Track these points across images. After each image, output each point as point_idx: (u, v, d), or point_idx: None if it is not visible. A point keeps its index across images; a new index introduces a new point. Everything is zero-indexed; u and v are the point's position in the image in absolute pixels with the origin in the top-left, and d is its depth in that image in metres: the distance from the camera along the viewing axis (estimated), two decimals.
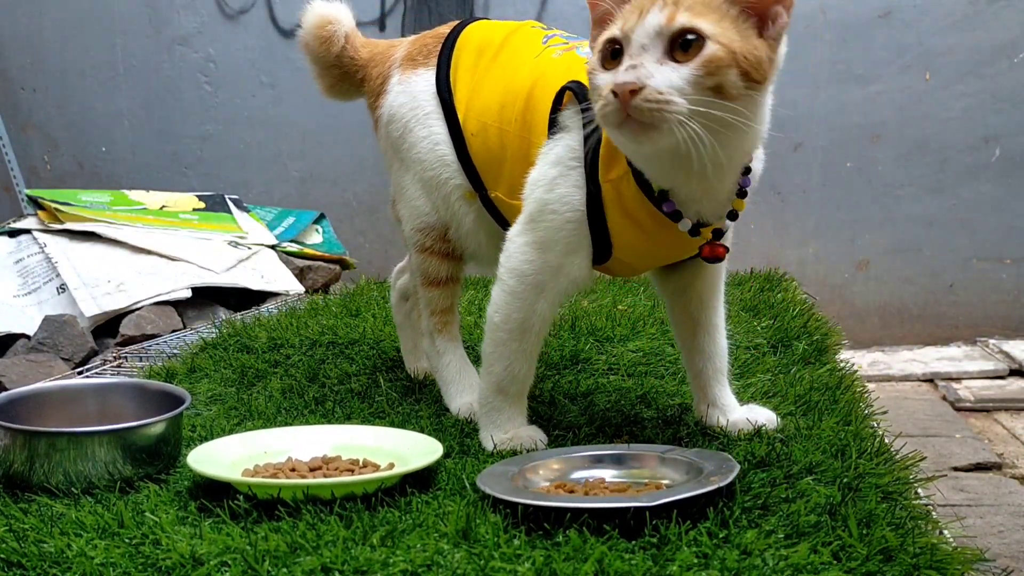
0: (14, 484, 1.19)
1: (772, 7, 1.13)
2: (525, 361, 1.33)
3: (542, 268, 1.29)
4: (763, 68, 1.11)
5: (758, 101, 1.13)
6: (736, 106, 1.09)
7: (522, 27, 1.49)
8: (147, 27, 3.93)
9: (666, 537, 0.96)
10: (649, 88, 1.06)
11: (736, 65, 1.08)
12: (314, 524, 1.03)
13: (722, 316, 1.39)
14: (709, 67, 1.07)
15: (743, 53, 1.09)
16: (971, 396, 3.14)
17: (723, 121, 1.09)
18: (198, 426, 1.42)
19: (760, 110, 1.15)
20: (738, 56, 1.08)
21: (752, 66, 1.10)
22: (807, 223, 3.71)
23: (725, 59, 1.08)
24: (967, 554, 0.95)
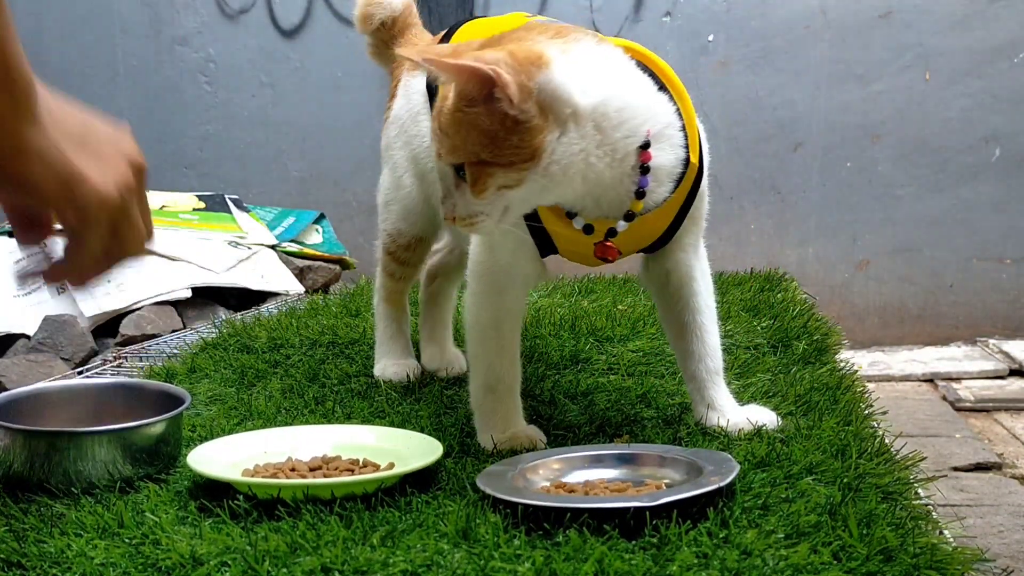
0: (14, 484, 1.19)
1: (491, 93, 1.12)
2: (505, 358, 1.35)
3: (495, 268, 1.34)
4: (523, 149, 1.13)
5: (554, 157, 1.14)
6: (529, 184, 1.14)
7: (514, 20, 1.49)
8: (147, 27, 3.93)
9: (666, 537, 0.96)
10: (459, 218, 1.18)
11: (497, 167, 1.13)
12: (314, 524, 1.03)
13: (711, 317, 1.39)
14: (477, 188, 1.15)
15: (493, 156, 1.13)
16: (971, 396, 3.14)
17: (534, 193, 1.16)
18: (198, 426, 1.42)
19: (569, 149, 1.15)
20: (491, 161, 1.13)
21: (511, 155, 1.13)
22: (807, 223, 3.71)
23: (482, 173, 1.14)
24: (967, 554, 0.95)
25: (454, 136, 1.15)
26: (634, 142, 1.19)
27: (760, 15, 3.63)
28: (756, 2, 3.63)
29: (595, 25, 3.65)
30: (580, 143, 1.16)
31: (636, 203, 1.23)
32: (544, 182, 1.15)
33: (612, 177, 1.20)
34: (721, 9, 3.65)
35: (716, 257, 1.49)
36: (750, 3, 3.63)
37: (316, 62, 3.84)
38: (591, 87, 1.16)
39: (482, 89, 1.11)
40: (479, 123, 1.13)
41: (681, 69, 3.69)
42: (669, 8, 3.66)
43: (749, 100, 3.67)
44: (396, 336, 1.76)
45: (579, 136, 1.16)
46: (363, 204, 3.85)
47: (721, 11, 3.65)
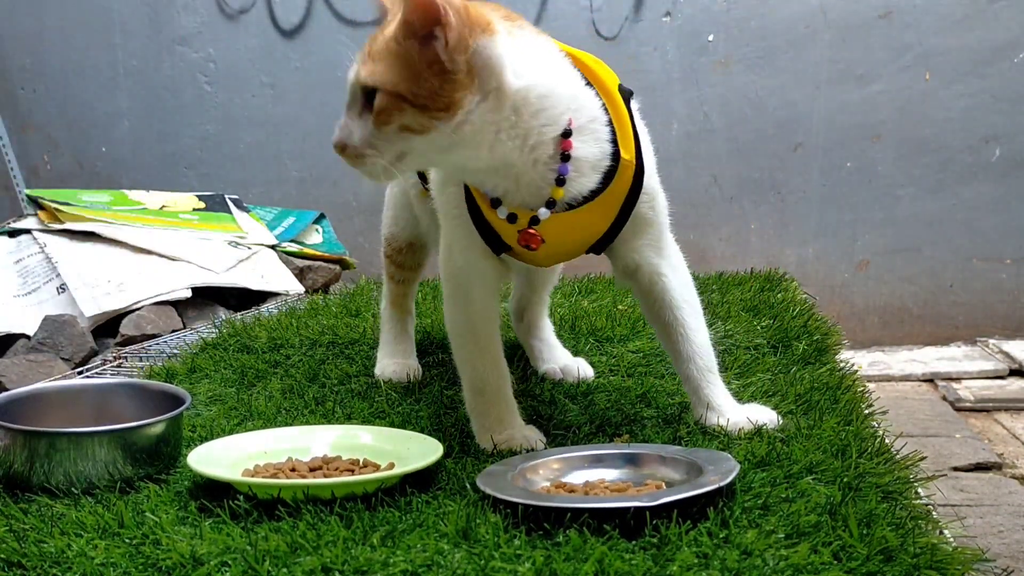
0: (14, 484, 1.19)
1: (432, 32, 1.14)
2: (486, 360, 1.36)
3: (455, 270, 1.36)
4: (441, 97, 1.14)
5: (468, 118, 1.15)
6: (435, 135, 1.15)
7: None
8: (147, 27, 3.93)
9: (666, 537, 0.96)
10: (350, 146, 1.18)
11: (409, 105, 1.14)
12: (314, 524, 1.03)
13: (692, 313, 1.39)
14: (382, 118, 1.15)
15: (412, 92, 1.14)
16: (971, 396, 3.13)
17: (436, 148, 1.17)
18: (198, 426, 1.42)
19: (483, 118, 1.17)
20: (407, 97, 1.14)
21: (428, 99, 1.14)
22: (807, 223, 3.71)
23: (393, 105, 1.14)
24: (967, 554, 0.95)
25: (380, 60, 1.15)
26: (551, 131, 1.21)
27: (760, 15, 3.63)
28: (756, 2, 3.62)
29: (595, 25, 3.66)
30: (495, 117, 1.18)
31: (557, 190, 1.23)
32: (449, 140, 1.16)
33: (524, 161, 1.21)
34: (721, 9, 3.65)
35: (716, 257, 1.49)
36: (750, 3, 3.63)
37: (316, 62, 3.84)
38: (522, 71, 1.18)
39: (426, 24, 1.13)
40: (410, 56, 1.14)
41: (681, 69, 3.72)
42: (669, 8, 3.66)
43: (749, 100, 3.67)
44: (399, 338, 1.77)
45: (496, 111, 1.17)
46: (363, 204, 3.85)
47: (721, 11, 3.65)
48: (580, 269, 2.94)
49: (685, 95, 3.69)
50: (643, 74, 3.69)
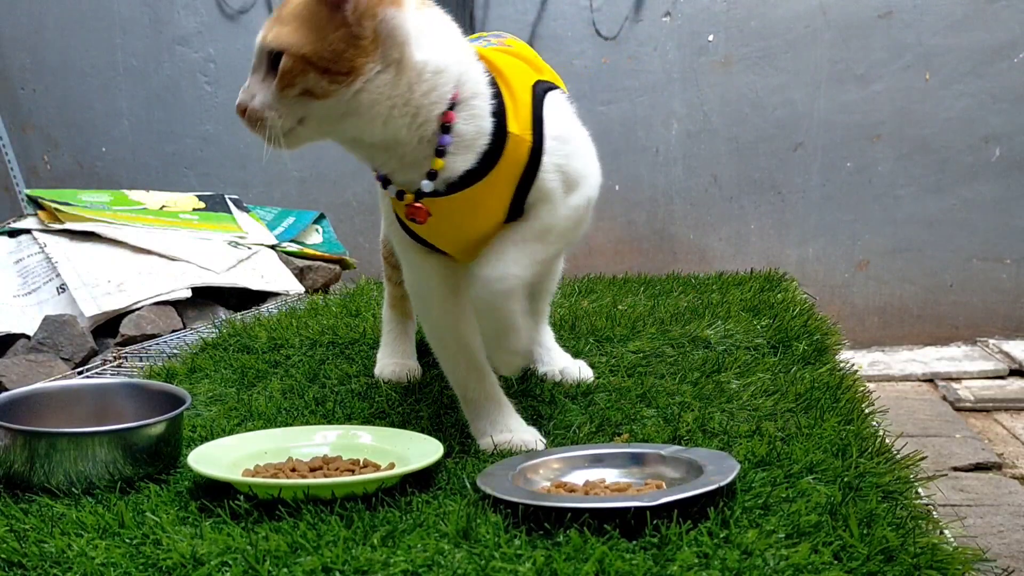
0: (14, 484, 1.19)
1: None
2: (464, 363, 1.38)
3: (412, 283, 1.42)
4: (344, 60, 1.16)
5: (367, 86, 1.17)
6: (334, 101, 1.17)
7: None
8: (147, 27, 3.93)
9: (667, 537, 0.96)
10: (250, 108, 1.19)
11: (312, 68, 1.16)
12: (315, 524, 1.03)
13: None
14: (285, 80, 1.16)
15: (316, 54, 1.15)
16: (971, 396, 3.13)
17: (333, 115, 1.18)
18: (198, 426, 1.42)
19: (380, 89, 1.19)
20: (311, 59, 1.15)
21: (331, 62, 1.16)
22: (807, 223, 3.71)
23: (296, 68, 1.15)
24: (968, 554, 0.95)
25: (289, 22, 1.17)
26: (439, 108, 1.23)
27: (760, 15, 3.63)
28: (756, 2, 3.62)
29: (595, 25, 3.66)
30: (391, 91, 1.20)
31: (437, 161, 1.24)
32: (347, 107, 1.18)
33: (411, 138, 1.23)
34: (721, 9, 3.65)
35: (716, 257, 1.50)
36: (750, 3, 3.63)
37: None
38: (424, 45, 1.21)
39: None
40: (319, 18, 1.16)
41: (681, 69, 3.72)
42: (669, 8, 3.66)
43: (749, 100, 3.67)
44: (399, 339, 1.77)
45: (393, 84, 1.20)
46: (363, 204, 3.85)
47: (721, 11, 3.65)
48: (580, 269, 2.94)
49: (685, 95, 3.69)
50: (643, 74, 3.69)
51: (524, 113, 1.28)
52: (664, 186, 3.72)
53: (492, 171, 1.25)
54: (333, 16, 1.16)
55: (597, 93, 3.72)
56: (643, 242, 3.78)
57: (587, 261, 3.69)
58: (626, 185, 3.76)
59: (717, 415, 1.40)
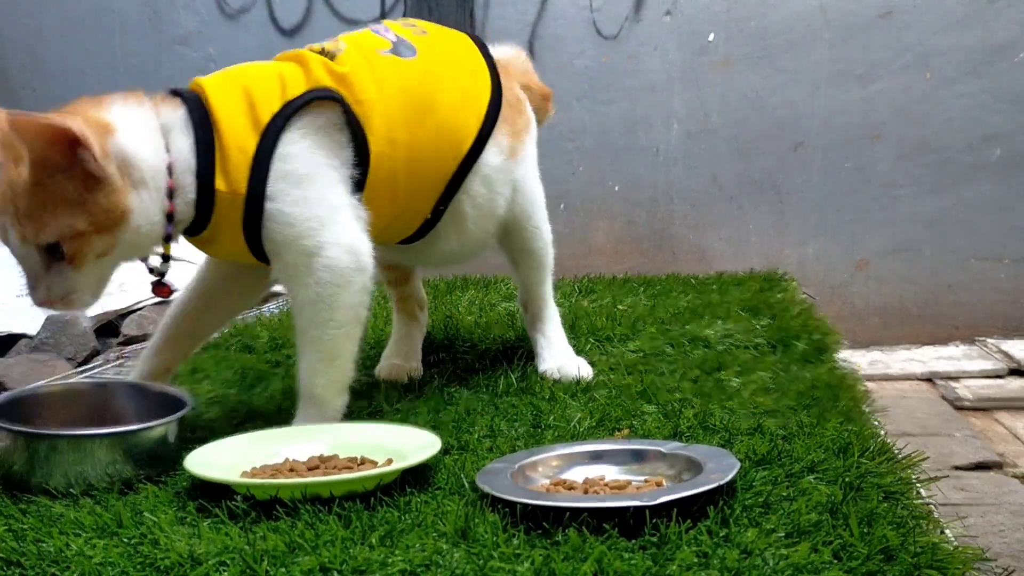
0: (13, 485, 1.19)
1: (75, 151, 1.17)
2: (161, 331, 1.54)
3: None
4: (115, 210, 1.21)
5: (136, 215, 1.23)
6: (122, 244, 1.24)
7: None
8: (147, 27, 3.93)
9: (666, 536, 0.95)
10: (59, 302, 1.24)
11: (94, 233, 1.20)
12: (313, 524, 1.03)
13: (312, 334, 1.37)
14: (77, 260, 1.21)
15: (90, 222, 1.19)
16: (970, 395, 3.13)
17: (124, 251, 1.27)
18: (199, 428, 1.42)
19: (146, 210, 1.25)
20: (89, 229, 1.19)
21: (105, 218, 1.20)
22: (807, 223, 3.71)
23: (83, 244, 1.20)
24: (968, 553, 0.95)
25: (40, 213, 1.18)
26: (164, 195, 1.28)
27: (760, 15, 3.63)
28: (756, 2, 3.62)
29: (595, 25, 3.66)
30: (153, 202, 1.25)
31: (167, 246, 1.33)
32: (133, 240, 1.24)
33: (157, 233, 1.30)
34: (721, 9, 3.65)
35: (716, 257, 1.50)
36: (750, 3, 3.63)
37: None
38: (144, 152, 1.24)
39: (64, 152, 1.16)
40: (66, 192, 1.18)
41: (681, 69, 3.71)
42: (669, 8, 3.66)
43: (749, 100, 3.67)
44: (402, 340, 1.77)
45: (150, 196, 1.25)
46: None
47: (721, 11, 3.65)
48: (580, 269, 2.94)
49: (685, 95, 3.68)
50: (643, 74, 3.69)
51: (239, 159, 1.28)
52: (664, 186, 3.72)
53: (208, 227, 1.31)
54: (75, 176, 1.17)
55: (597, 93, 3.72)
56: (643, 242, 3.78)
57: (587, 261, 3.69)
58: (626, 185, 3.76)
59: (718, 411, 1.40)
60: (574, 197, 3.79)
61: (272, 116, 1.30)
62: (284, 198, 1.29)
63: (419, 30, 1.51)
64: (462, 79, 1.49)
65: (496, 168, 1.52)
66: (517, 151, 1.58)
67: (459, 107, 1.47)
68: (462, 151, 1.47)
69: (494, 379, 1.60)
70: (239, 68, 1.39)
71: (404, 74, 1.41)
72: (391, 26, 1.50)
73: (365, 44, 1.43)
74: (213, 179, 1.28)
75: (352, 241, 1.33)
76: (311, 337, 1.34)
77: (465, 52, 1.54)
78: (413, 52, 1.45)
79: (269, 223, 1.30)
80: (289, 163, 1.30)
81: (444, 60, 1.49)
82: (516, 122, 1.58)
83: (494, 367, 1.65)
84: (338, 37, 1.44)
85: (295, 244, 1.31)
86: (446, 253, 1.57)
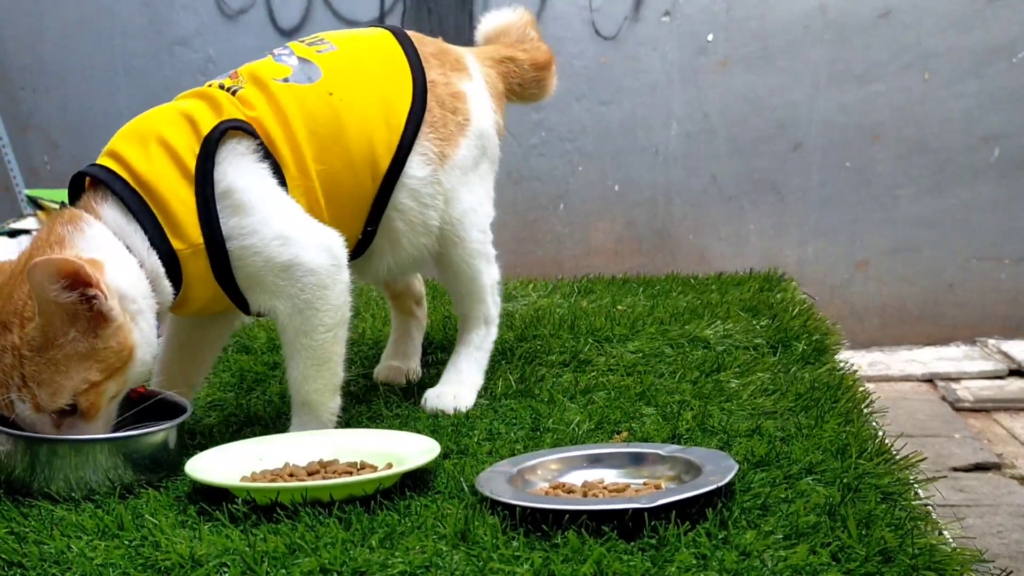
0: (15, 490, 1.19)
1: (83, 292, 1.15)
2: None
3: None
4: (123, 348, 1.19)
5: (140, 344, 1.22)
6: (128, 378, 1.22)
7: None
8: (147, 28, 3.93)
9: (665, 538, 0.96)
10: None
11: (108, 380, 1.19)
12: (313, 526, 1.03)
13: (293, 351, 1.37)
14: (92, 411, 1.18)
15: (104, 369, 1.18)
16: (970, 396, 3.14)
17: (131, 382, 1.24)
18: (198, 433, 1.42)
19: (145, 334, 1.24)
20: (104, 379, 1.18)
21: (115, 360, 1.19)
22: (807, 223, 3.71)
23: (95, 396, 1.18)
24: (966, 555, 0.95)
25: (53, 376, 1.15)
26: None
27: (760, 15, 3.63)
28: (756, 2, 3.63)
29: (595, 25, 3.66)
30: (150, 325, 1.24)
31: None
32: (141, 371, 1.23)
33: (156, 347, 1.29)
34: (721, 9, 3.65)
35: (715, 257, 1.50)
36: (750, 3, 3.63)
37: None
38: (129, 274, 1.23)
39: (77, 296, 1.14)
40: (78, 345, 1.16)
41: (681, 69, 3.72)
42: (669, 8, 3.66)
43: (749, 100, 3.67)
44: (400, 339, 1.76)
45: (146, 320, 1.24)
46: None
47: (721, 11, 3.65)
48: (579, 269, 2.94)
49: (685, 95, 3.69)
50: (643, 74, 3.69)
51: (184, 213, 1.27)
52: (664, 186, 3.72)
53: (181, 291, 1.30)
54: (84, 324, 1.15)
55: (597, 93, 3.72)
56: (643, 242, 3.78)
57: (586, 261, 3.69)
58: (626, 185, 3.76)
59: (716, 413, 1.40)
60: (574, 197, 3.79)
61: (197, 160, 1.28)
62: (241, 232, 1.29)
63: (328, 46, 1.45)
64: (373, 93, 1.42)
65: (423, 180, 1.45)
66: (448, 156, 1.47)
67: (370, 125, 1.41)
68: (380, 171, 1.41)
69: (493, 382, 1.60)
70: (144, 119, 1.37)
71: (305, 102, 1.37)
72: (295, 48, 1.45)
73: (263, 75, 1.38)
74: (169, 244, 1.27)
75: (322, 239, 1.33)
76: (301, 345, 1.34)
77: (381, 59, 1.47)
78: (317, 74, 1.40)
79: (238, 261, 1.30)
80: (231, 198, 1.29)
81: (351, 77, 1.42)
82: (447, 124, 1.48)
83: (493, 369, 1.65)
84: (237, 70, 1.41)
85: (269, 266, 1.30)
86: (383, 271, 1.52)
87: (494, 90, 1.60)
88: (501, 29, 1.70)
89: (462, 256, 1.52)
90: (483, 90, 1.57)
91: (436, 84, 1.48)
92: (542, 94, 1.72)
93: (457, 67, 1.54)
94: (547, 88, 1.72)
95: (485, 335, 1.59)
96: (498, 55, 1.66)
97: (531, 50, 1.69)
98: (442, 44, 1.58)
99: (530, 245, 3.80)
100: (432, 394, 1.51)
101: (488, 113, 1.56)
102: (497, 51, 1.67)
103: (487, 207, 1.56)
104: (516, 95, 1.69)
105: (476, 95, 1.55)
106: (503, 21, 1.71)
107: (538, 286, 2.43)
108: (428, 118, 1.45)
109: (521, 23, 1.70)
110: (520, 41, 1.68)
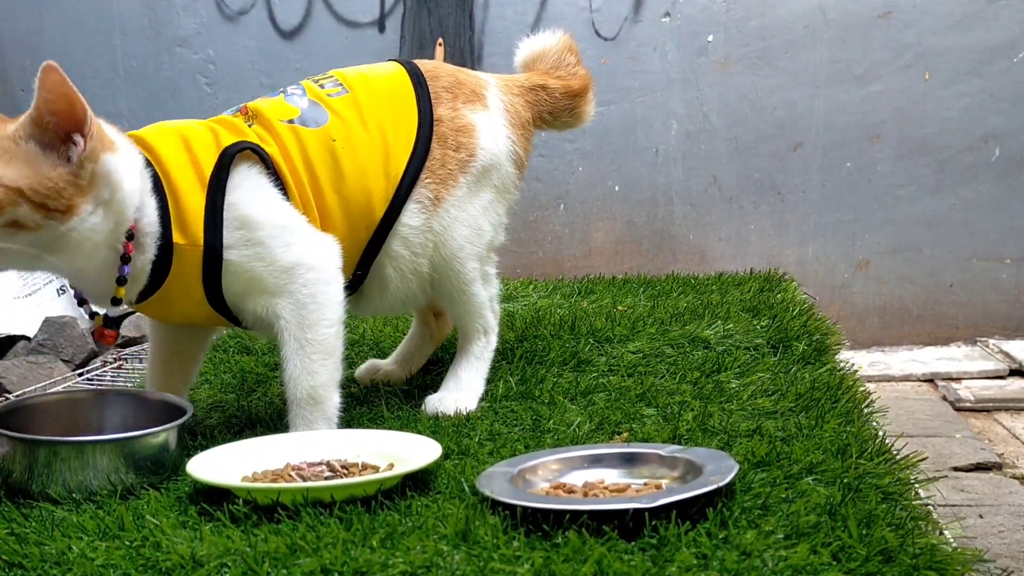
0: (14, 492, 1.19)
1: (71, 134, 1.20)
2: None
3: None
4: (63, 198, 1.19)
5: (79, 225, 1.21)
6: (43, 234, 1.19)
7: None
8: (147, 28, 3.93)
9: (665, 538, 0.96)
10: None
11: (27, 201, 1.17)
12: (314, 526, 1.03)
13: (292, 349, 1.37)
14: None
15: (33, 189, 1.17)
16: (971, 396, 3.14)
17: (36, 247, 1.20)
18: (199, 434, 1.42)
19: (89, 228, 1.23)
20: (26, 192, 1.17)
21: (47, 197, 1.18)
22: (807, 223, 3.71)
23: (8, 200, 1.16)
24: (967, 555, 0.95)
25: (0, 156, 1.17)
26: (122, 239, 1.27)
27: (760, 15, 3.63)
28: (756, 2, 3.63)
29: (595, 26, 3.66)
30: (99, 228, 1.24)
31: (119, 289, 1.30)
32: (56, 243, 1.21)
33: (98, 268, 1.28)
34: (721, 9, 3.65)
35: (716, 257, 1.49)
36: (750, 3, 3.63)
37: (316, 63, 3.84)
38: (127, 183, 1.25)
39: (68, 127, 1.19)
40: (37, 156, 1.19)
41: (681, 69, 3.71)
42: (669, 8, 3.66)
43: (749, 100, 3.67)
44: (407, 345, 1.77)
45: (102, 222, 1.24)
46: None
47: (721, 11, 3.65)
48: (580, 270, 2.94)
49: (685, 95, 3.69)
50: (643, 74, 3.69)
51: (194, 212, 1.29)
52: (664, 186, 3.72)
53: (167, 281, 1.30)
54: (50, 154, 1.19)
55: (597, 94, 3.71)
56: (643, 243, 3.78)
57: (587, 261, 3.69)
58: (626, 185, 3.76)
59: (717, 414, 1.40)
60: (574, 197, 3.79)
61: (213, 169, 1.32)
62: (246, 243, 1.32)
63: (340, 90, 1.46)
64: (376, 142, 1.43)
65: (416, 229, 1.46)
66: (444, 199, 1.47)
67: (368, 174, 1.42)
68: (374, 220, 1.43)
69: (494, 383, 1.60)
70: (172, 123, 1.41)
71: (307, 146, 1.39)
72: (308, 89, 1.46)
73: (270, 115, 1.41)
74: (171, 233, 1.29)
75: (321, 240, 1.36)
76: (303, 341, 1.35)
77: (390, 102, 1.47)
78: (324, 118, 1.42)
79: (235, 268, 1.31)
80: (239, 209, 1.32)
81: (356, 125, 1.43)
82: (446, 164, 1.47)
83: (493, 370, 1.65)
84: (246, 105, 1.44)
85: (272, 269, 1.33)
86: (370, 310, 1.55)
87: (516, 119, 1.57)
88: (537, 55, 1.67)
89: (456, 286, 1.53)
90: (500, 120, 1.55)
91: (443, 121, 1.48)
92: (577, 121, 1.70)
93: (471, 99, 1.52)
94: (582, 115, 1.70)
95: (485, 345, 1.60)
96: (529, 83, 1.63)
97: (566, 77, 1.66)
98: (460, 75, 1.56)
99: (530, 245, 3.80)
100: (433, 399, 1.52)
101: (502, 143, 1.54)
102: (529, 79, 1.64)
103: (487, 236, 1.54)
104: (547, 123, 1.67)
105: (489, 126, 1.53)
106: (539, 47, 1.68)
107: (538, 287, 2.43)
108: (428, 164, 1.46)
109: (558, 48, 1.67)
110: (556, 67, 1.66)
